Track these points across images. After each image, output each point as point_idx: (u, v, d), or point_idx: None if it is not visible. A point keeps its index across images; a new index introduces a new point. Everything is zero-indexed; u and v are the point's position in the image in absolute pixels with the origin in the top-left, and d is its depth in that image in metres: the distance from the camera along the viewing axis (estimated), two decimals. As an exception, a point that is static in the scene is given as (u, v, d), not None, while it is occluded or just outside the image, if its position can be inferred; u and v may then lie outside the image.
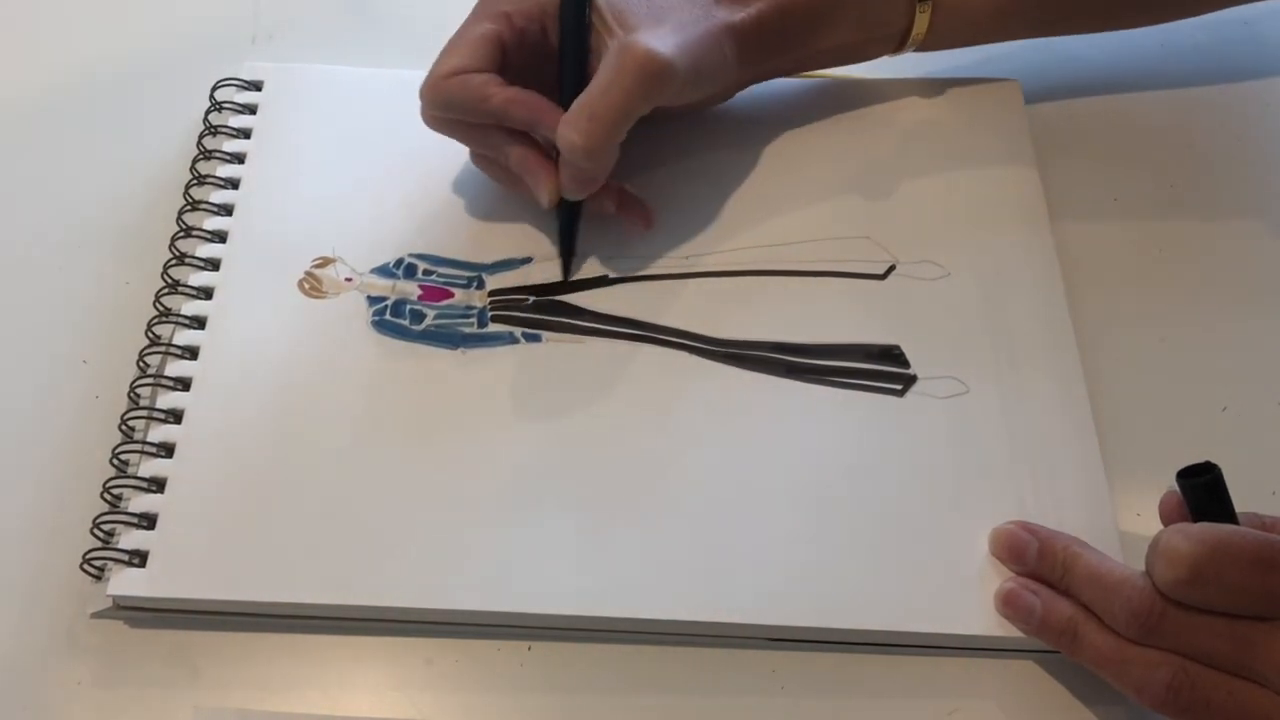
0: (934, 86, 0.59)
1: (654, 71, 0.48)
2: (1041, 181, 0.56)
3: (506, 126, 0.51)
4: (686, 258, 0.54)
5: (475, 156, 0.55)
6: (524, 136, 0.51)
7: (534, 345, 0.51)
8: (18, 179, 0.58)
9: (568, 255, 0.53)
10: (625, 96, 0.48)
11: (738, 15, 0.51)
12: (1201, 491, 0.41)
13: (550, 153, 0.51)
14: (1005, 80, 0.59)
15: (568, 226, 0.53)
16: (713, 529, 0.46)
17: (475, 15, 0.52)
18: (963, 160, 0.55)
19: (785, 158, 0.57)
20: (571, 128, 0.48)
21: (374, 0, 0.65)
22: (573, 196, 0.51)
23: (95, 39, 0.63)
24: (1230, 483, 0.41)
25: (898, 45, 0.56)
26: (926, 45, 0.56)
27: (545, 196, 0.51)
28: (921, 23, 0.55)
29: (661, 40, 0.48)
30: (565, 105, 0.49)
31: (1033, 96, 0.59)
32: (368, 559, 0.45)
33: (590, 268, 0.53)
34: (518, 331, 0.51)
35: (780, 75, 0.57)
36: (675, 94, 0.50)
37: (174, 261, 0.53)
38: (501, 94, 0.50)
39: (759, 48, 0.52)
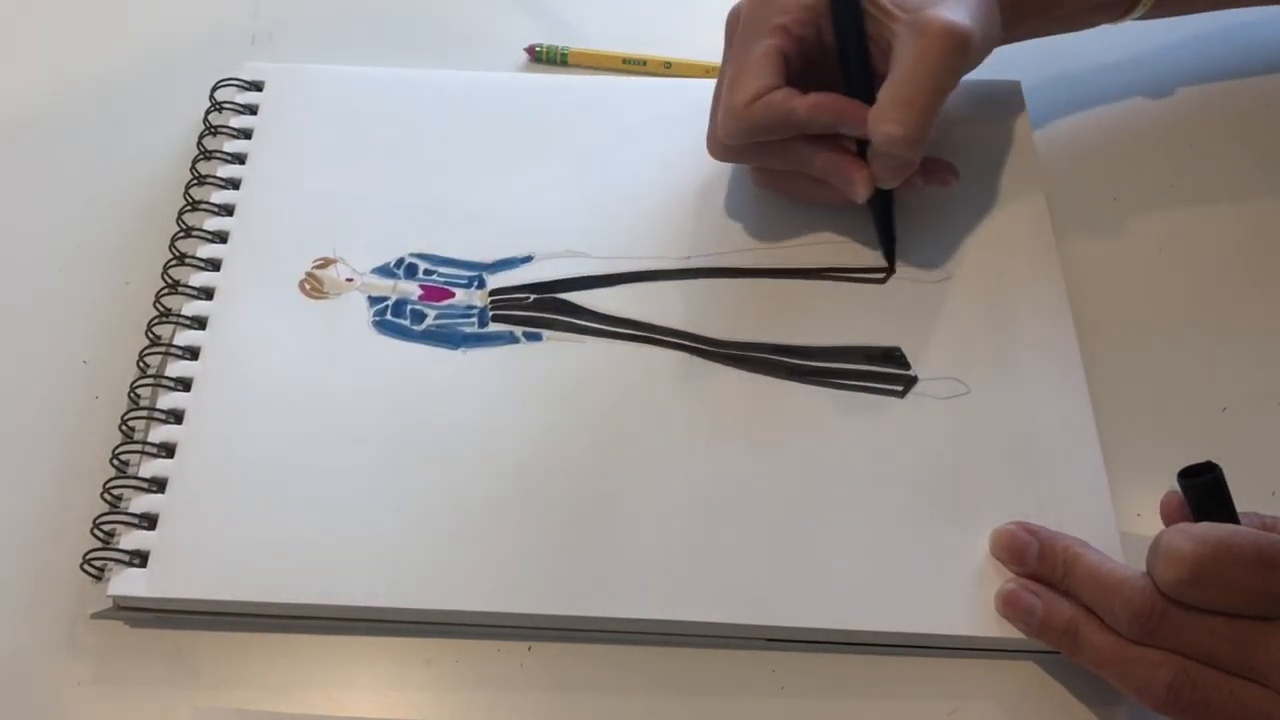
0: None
1: (957, 42, 0.47)
2: (1042, 182, 0.56)
3: (808, 135, 0.50)
4: (687, 258, 0.54)
5: (761, 175, 0.54)
6: (826, 140, 0.51)
7: (534, 345, 0.51)
8: (18, 179, 0.58)
9: (889, 242, 0.53)
10: (935, 76, 0.47)
11: None
12: (1202, 491, 0.41)
13: (853, 149, 0.51)
14: (1006, 80, 0.59)
15: (884, 215, 0.53)
16: (713, 529, 0.46)
17: (749, 34, 0.51)
18: (964, 161, 0.55)
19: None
20: (887, 119, 0.47)
21: (374, 0, 0.65)
22: (890, 185, 0.51)
23: (95, 39, 0.63)
24: (1230, 483, 0.41)
25: (1126, 9, 0.55)
26: (1155, 10, 0.55)
27: (862, 191, 0.50)
28: None
29: (952, 10, 0.47)
30: (858, 98, 0.49)
31: (1033, 96, 0.59)
32: (367, 559, 0.45)
33: (591, 268, 0.53)
34: (518, 331, 0.51)
35: (1013, 42, 0.55)
36: (974, 65, 0.49)
37: (174, 262, 0.53)
38: (804, 103, 0.49)
39: (1015, 11, 0.52)
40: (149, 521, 0.46)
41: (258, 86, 0.59)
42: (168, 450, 0.47)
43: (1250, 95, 0.61)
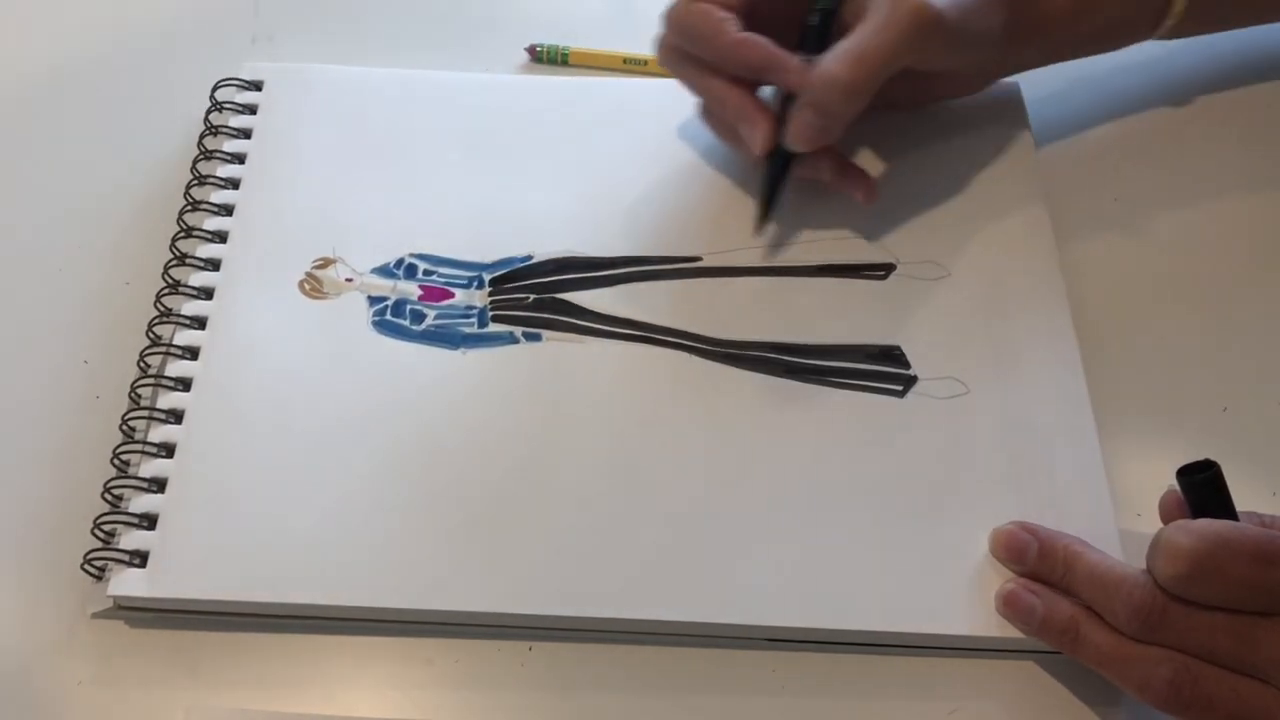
0: (934, 87, 0.59)
1: (925, 20, 0.48)
2: (1042, 182, 0.56)
3: (731, 75, 0.51)
4: (686, 257, 0.54)
5: (701, 110, 0.55)
6: (745, 86, 0.51)
7: (534, 345, 0.51)
8: (18, 179, 0.58)
9: (767, 205, 0.53)
10: (893, 44, 0.48)
11: None
12: (1201, 488, 0.41)
13: (771, 110, 0.51)
14: (1006, 81, 0.59)
15: (778, 173, 0.53)
16: (713, 529, 0.46)
17: None
18: (963, 160, 0.55)
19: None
20: (837, 62, 0.48)
21: (374, 0, 0.65)
22: (802, 147, 0.50)
23: (95, 39, 0.63)
24: (1230, 483, 0.41)
25: (1152, 26, 0.55)
26: (1181, 28, 0.56)
27: (760, 141, 0.50)
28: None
29: None
30: (810, 58, 0.49)
31: (1033, 97, 0.59)
32: (368, 559, 0.45)
33: (591, 268, 0.53)
34: (518, 331, 0.51)
35: (1037, 64, 0.56)
36: (939, 51, 0.50)
37: (174, 262, 0.53)
38: (736, 34, 0.50)
39: (1028, 23, 0.52)
40: (149, 521, 0.46)
41: (258, 86, 0.59)
42: (168, 450, 0.47)
43: (1250, 94, 0.61)
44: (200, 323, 0.51)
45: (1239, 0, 0.58)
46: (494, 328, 0.51)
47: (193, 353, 0.50)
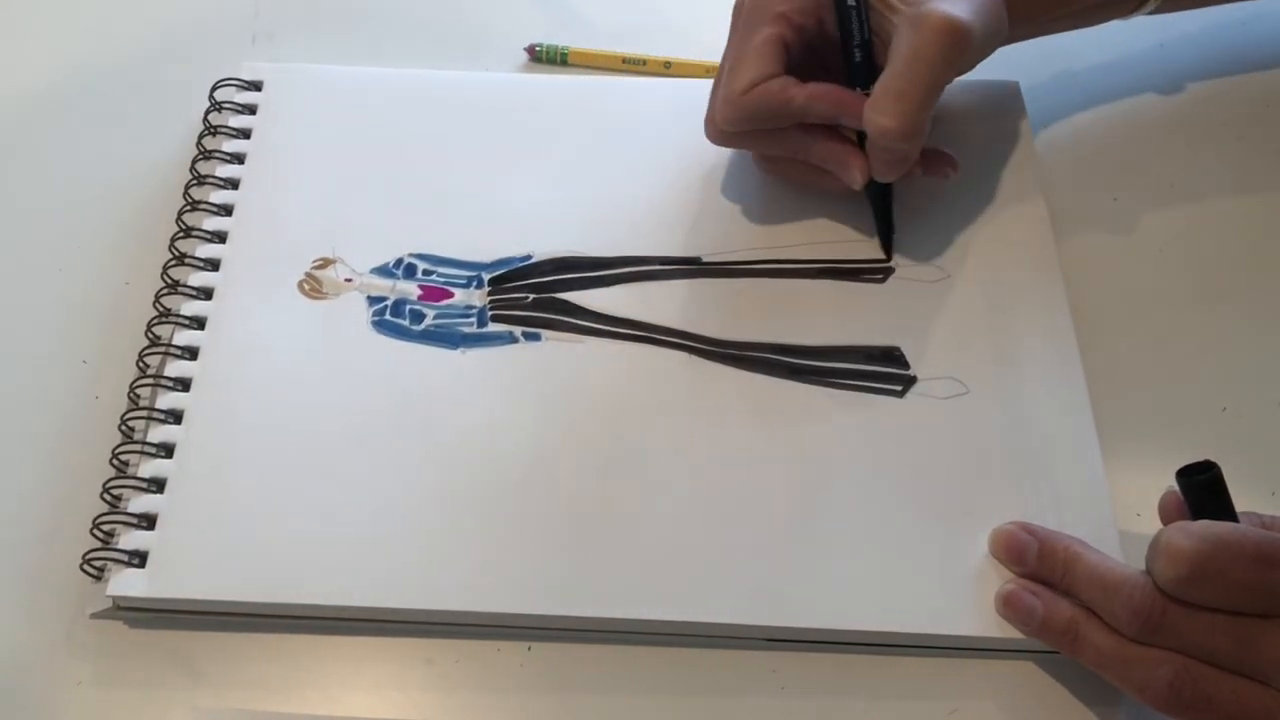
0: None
1: (956, 38, 0.47)
2: (1042, 182, 0.56)
3: (805, 124, 0.51)
4: (686, 257, 0.54)
5: (764, 162, 0.55)
6: (825, 129, 0.51)
7: (534, 345, 0.51)
8: (18, 179, 0.58)
9: (887, 233, 0.53)
10: (930, 69, 0.47)
11: None
12: (1201, 489, 0.41)
13: (853, 139, 0.51)
14: (1005, 81, 0.59)
15: (881, 204, 0.53)
16: (713, 529, 0.46)
17: (751, 22, 0.51)
18: (963, 161, 0.55)
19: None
20: (881, 112, 0.47)
21: (374, 0, 0.65)
22: (887, 179, 0.51)
23: (95, 39, 0.63)
24: (1230, 483, 0.41)
25: (1136, 4, 0.55)
26: (1165, 5, 0.55)
27: (858, 177, 0.50)
28: None
29: (953, 4, 0.47)
30: (858, 89, 0.49)
31: (1033, 97, 0.59)
32: (368, 559, 0.45)
33: (590, 268, 0.53)
34: (518, 331, 0.51)
35: (1022, 39, 0.55)
36: (972, 61, 0.49)
37: (174, 262, 0.53)
38: (802, 92, 0.49)
39: (1025, 8, 0.52)
40: (148, 521, 0.46)
41: (257, 86, 0.59)
42: (167, 450, 0.47)
43: (1251, 95, 0.61)
44: (199, 323, 0.51)
45: None
46: (493, 327, 0.51)
47: (192, 353, 0.50)
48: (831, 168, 0.51)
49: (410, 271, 0.53)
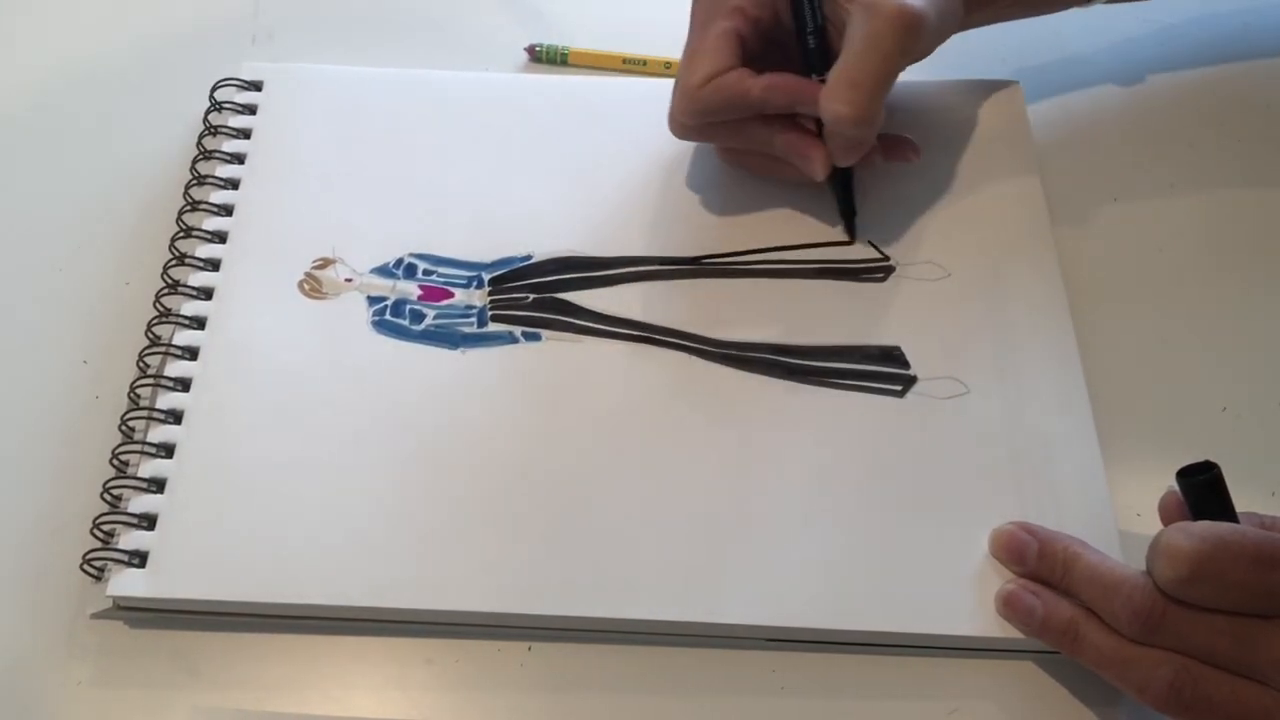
0: (934, 88, 0.59)
1: (910, 25, 0.47)
2: (1042, 182, 0.56)
3: (764, 115, 0.51)
4: (686, 258, 0.54)
5: (725, 153, 0.55)
6: (784, 120, 0.51)
7: (534, 345, 0.51)
8: (18, 179, 0.58)
9: (849, 216, 0.54)
10: (884, 57, 0.48)
11: None
12: (1201, 490, 0.41)
13: (813, 128, 0.51)
14: (1006, 81, 0.59)
15: (844, 189, 0.53)
16: (713, 530, 0.46)
17: (706, 15, 0.51)
18: (963, 160, 0.55)
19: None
20: (835, 99, 0.48)
21: (374, 0, 0.65)
22: (845, 163, 0.51)
23: (95, 39, 0.63)
24: (1230, 483, 0.41)
25: None
26: None
27: (819, 170, 0.51)
28: None
29: None
30: (815, 78, 0.50)
31: (1033, 96, 0.59)
32: (368, 559, 0.45)
33: (590, 268, 0.53)
34: (517, 331, 0.51)
35: (980, 25, 0.56)
36: (926, 49, 0.49)
37: (174, 262, 0.53)
38: (758, 84, 0.50)
39: None
40: (148, 522, 0.46)
41: (257, 86, 0.59)
42: (167, 450, 0.47)
43: (1252, 95, 0.61)
44: (200, 323, 0.51)
45: None
46: (493, 327, 0.51)
47: (192, 353, 0.50)
48: (793, 160, 0.52)
49: (410, 271, 0.53)
